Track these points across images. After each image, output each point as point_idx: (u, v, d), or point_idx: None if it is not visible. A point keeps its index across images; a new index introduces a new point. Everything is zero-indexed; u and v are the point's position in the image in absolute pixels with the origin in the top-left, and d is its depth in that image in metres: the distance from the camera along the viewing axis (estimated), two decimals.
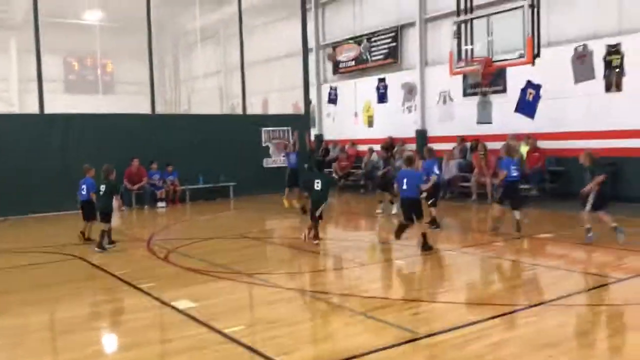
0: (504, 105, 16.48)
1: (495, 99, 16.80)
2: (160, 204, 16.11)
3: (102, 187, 10.09)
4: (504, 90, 16.53)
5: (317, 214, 9.80)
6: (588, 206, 9.21)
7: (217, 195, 17.66)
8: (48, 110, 15.45)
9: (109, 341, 5.92)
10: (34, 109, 15.75)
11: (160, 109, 24.57)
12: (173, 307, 6.48)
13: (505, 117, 16.42)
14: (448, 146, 17.42)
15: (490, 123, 16.92)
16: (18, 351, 5.43)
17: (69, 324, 6.15)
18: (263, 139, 19.02)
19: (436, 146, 14.93)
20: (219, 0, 22.62)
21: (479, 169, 15.58)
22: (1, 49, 23.81)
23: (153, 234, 11.62)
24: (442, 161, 15.35)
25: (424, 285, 7.49)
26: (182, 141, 17.09)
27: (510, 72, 15.84)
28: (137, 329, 5.93)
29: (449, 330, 5.46)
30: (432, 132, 18.84)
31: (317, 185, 9.89)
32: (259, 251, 9.80)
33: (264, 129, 19.01)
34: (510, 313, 6.01)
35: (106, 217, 10.06)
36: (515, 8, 11.62)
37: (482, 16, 12.38)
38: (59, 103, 17.54)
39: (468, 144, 16.84)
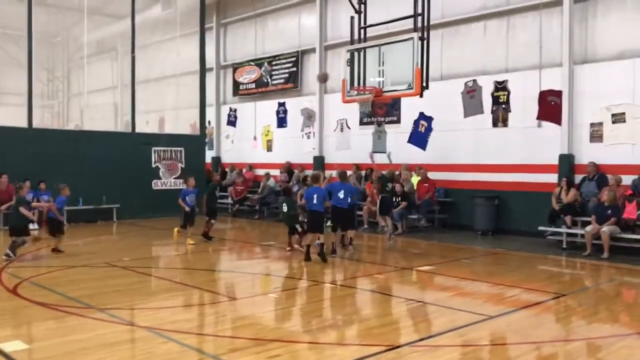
0: (398, 136, 16.58)
1: (390, 129, 16.86)
2: (31, 226, 14.72)
3: None
4: (398, 121, 16.67)
5: (299, 229, 11.34)
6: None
7: (100, 217, 16.51)
8: None
9: None
10: None
11: (47, 123, 22.99)
12: None
13: (399, 147, 16.49)
14: None
15: (385, 152, 16.94)
16: None
17: None
18: (153, 160, 18.09)
19: (333, 173, 14.77)
20: (117, 14, 21.59)
21: (372, 198, 15.48)
22: None
23: (10, 259, 10.45)
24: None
25: (292, 323, 7.02)
26: (62, 158, 15.90)
27: (405, 104, 16.01)
28: None
29: None
30: (329, 159, 18.69)
31: (284, 207, 11.48)
32: (123, 282, 8.91)
33: (154, 148, 18.09)
34: (376, 354, 5.65)
35: (19, 232, 10.46)
36: (406, 39, 11.64)
37: (375, 45, 12.32)
38: None
39: (363, 173, 16.79)
